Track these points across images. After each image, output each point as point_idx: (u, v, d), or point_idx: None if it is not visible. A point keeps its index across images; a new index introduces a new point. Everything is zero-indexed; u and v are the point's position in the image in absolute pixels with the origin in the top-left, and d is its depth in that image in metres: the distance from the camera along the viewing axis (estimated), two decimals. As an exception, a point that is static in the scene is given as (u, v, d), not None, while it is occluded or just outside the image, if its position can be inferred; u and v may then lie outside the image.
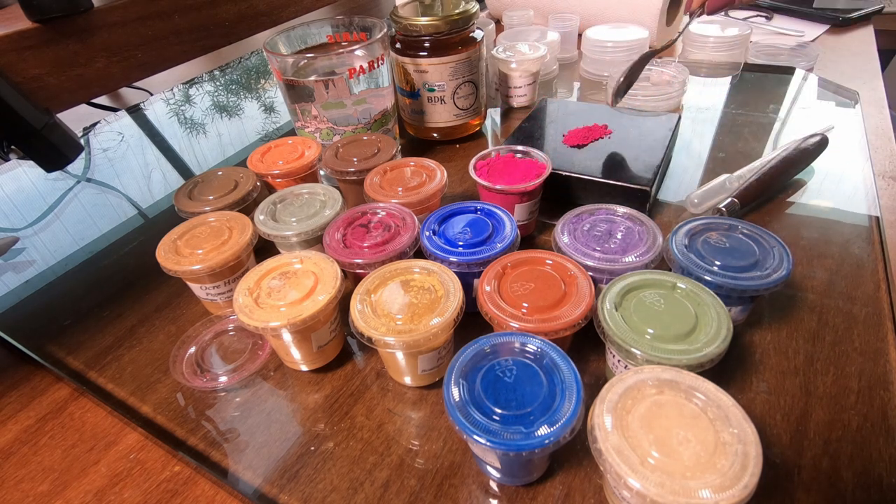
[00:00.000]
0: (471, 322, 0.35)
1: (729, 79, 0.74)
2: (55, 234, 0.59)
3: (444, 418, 0.35)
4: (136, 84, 0.83)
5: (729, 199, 0.47)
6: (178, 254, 0.41)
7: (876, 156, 0.55)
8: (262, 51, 0.62)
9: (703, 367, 0.29)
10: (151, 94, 0.89)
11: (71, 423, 0.38)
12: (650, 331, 0.31)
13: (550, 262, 0.36)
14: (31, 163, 0.41)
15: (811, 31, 0.87)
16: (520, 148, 0.48)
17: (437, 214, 0.42)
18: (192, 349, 0.40)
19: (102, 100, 0.84)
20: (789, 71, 0.73)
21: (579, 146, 0.53)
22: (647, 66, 0.69)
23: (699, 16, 0.51)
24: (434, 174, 0.47)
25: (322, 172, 0.58)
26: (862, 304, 0.39)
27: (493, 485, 0.31)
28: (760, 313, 0.39)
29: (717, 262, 0.35)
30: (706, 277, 0.34)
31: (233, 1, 0.52)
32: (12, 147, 0.39)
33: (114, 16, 0.43)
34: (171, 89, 0.91)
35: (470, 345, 0.30)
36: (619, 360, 0.32)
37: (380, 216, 0.42)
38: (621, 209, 0.41)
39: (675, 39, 0.54)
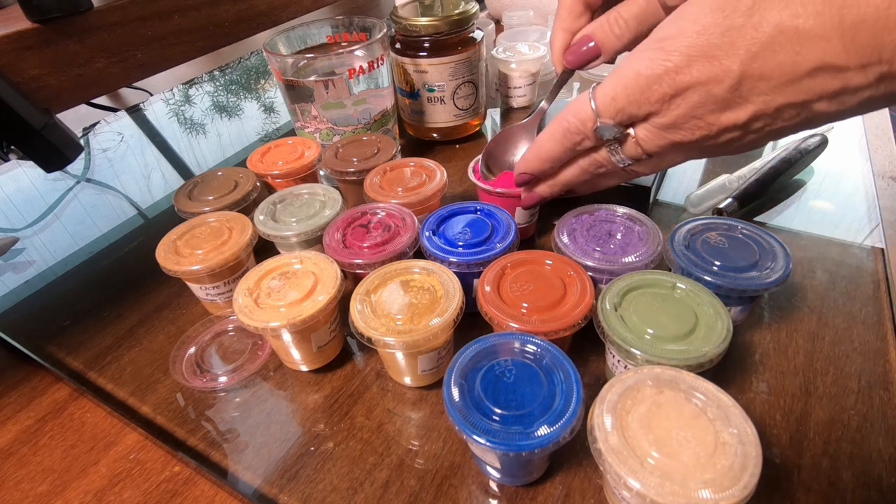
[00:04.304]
0: (471, 322, 0.35)
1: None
2: (55, 234, 0.59)
3: (444, 418, 0.35)
4: (136, 84, 0.83)
5: (728, 200, 0.47)
6: (177, 254, 0.41)
7: (876, 156, 0.55)
8: (262, 51, 0.62)
9: (702, 367, 0.29)
10: (151, 95, 0.89)
11: (71, 423, 0.38)
12: (650, 331, 0.31)
13: (550, 262, 0.36)
14: (31, 163, 0.41)
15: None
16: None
17: (437, 215, 0.42)
18: (192, 349, 0.40)
19: (102, 100, 0.84)
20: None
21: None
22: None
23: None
24: (434, 174, 0.47)
25: (322, 173, 0.58)
26: (862, 304, 0.39)
27: (493, 485, 0.31)
28: (760, 313, 0.39)
29: (717, 263, 0.35)
30: (706, 277, 0.34)
31: (233, 1, 0.52)
32: (12, 147, 0.39)
33: (113, 16, 0.43)
34: (171, 89, 0.91)
35: (470, 345, 0.30)
36: (618, 361, 0.32)
37: (379, 216, 0.42)
38: (621, 209, 0.41)
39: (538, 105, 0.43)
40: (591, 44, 0.33)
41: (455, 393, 0.28)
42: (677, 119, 0.27)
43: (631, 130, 0.29)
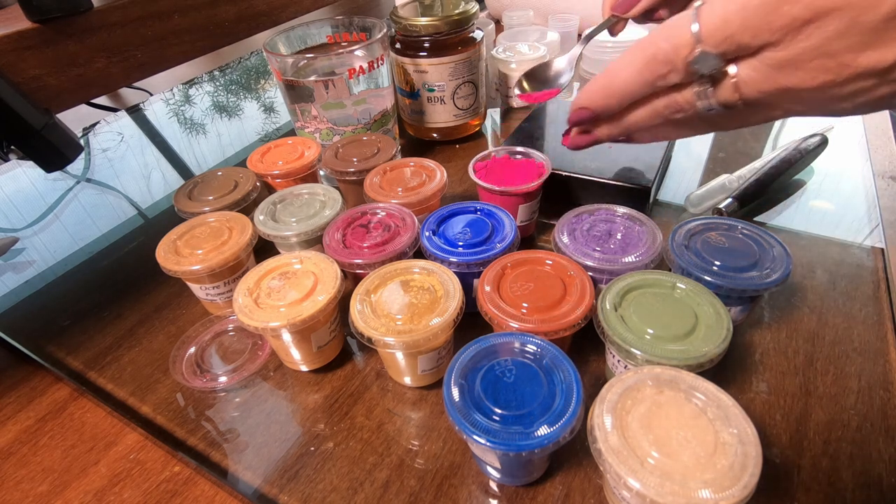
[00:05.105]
0: (471, 322, 0.35)
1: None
2: (55, 234, 0.59)
3: (444, 418, 0.35)
4: (136, 84, 0.83)
5: (728, 199, 0.47)
6: (177, 254, 0.41)
7: (876, 156, 0.55)
8: (262, 51, 0.62)
9: (702, 367, 0.29)
10: (151, 95, 0.89)
11: (71, 423, 0.38)
12: (650, 331, 0.31)
13: (550, 262, 0.36)
14: (31, 163, 0.41)
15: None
16: (518, 149, 0.48)
17: (437, 215, 0.42)
18: (192, 349, 0.40)
19: (102, 100, 0.84)
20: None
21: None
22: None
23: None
24: (434, 174, 0.47)
25: (322, 172, 0.58)
26: (862, 304, 0.39)
27: (493, 485, 0.31)
28: (760, 313, 0.39)
29: (717, 262, 0.35)
30: (706, 277, 0.34)
31: (232, 1, 0.52)
32: (12, 147, 0.39)
33: (113, 16, 0.43)
34: (171, 89, 0.91)
35: (470, 345, 0.30)
36: (618, 360, 0.32)
37: (379, 216, 0.42)
38: (621, 209, 0.41)
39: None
40: None
41: (455, 393, 0.28)
42: (801, 54, 0.20)
43: (732, 68, 0.23)
